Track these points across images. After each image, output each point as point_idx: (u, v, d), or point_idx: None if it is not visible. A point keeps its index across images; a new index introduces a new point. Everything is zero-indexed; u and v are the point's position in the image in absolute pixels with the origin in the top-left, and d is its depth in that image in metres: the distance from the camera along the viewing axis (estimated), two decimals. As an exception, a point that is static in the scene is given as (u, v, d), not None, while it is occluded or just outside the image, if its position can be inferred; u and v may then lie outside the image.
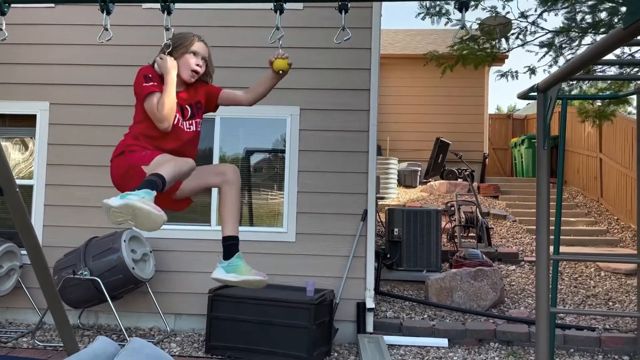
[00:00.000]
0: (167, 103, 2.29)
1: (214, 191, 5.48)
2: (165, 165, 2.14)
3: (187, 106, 2.47)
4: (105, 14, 1.92)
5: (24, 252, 4.52)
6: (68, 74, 5.59)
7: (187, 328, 5.33)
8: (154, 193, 1.99)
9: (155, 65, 2.38)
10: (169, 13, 1.97)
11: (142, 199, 1.92)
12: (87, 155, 5.50)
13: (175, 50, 2.41)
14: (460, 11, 1.59)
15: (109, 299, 4.70)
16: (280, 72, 2.42)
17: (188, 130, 2.46)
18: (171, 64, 2.35)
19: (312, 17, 5.38)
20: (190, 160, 2.30)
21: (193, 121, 2.49)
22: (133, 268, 4.76)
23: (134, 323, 5.35)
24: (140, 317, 5.37)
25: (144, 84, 2.32)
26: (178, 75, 2.41)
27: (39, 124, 5.58)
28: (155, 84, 2.34)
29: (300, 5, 5.39)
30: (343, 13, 1.88)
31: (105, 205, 1.93)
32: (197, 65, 2.43)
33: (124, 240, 4.79)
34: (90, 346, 2.67)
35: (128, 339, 4.53)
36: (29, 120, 5.63)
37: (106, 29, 1.96)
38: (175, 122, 2.40)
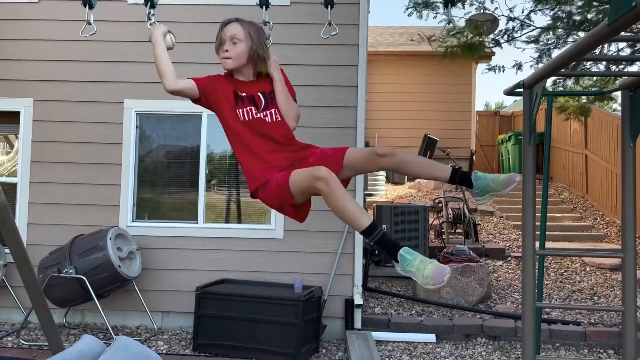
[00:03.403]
0: (154, 59, 2.22)
1: (201, 187, 5.45)
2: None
3: (259, 94, 2.31)
4: (87, 8, 1.89)
5: (8, 250, 4.46)
6: (52, 70, 5.52)
7: (175, 326, 5.30)
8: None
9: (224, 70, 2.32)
10: (152, 6, 1.95)
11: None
12: (71, 152, 5.43)
13: (216, 50, 2.32)
14: (446, 7, 1.59)
15: (94, 297, 4.66)
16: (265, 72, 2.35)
17: (272, 121, 2.29)
18: (151, 31, 2.27)
19: (300, 13, 5.35)
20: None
21: (268, 112, 2.30)
22: (119, 266, 4.72)
23: (121, 321, 5.31)
24: (127, 315, 5.32)
25: None
26: (235, 70, 2.31)
27: (22, 121, 5.50)
28: (202, 78, 2.29)
29: (287, 1, 5.37)
30: (329, 8, 1.87)
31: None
32: (225, 51, 2.27)
33: (110, 238, 4.74)
34: (75, 345, 2.64)
35: (114, 337, 4.49)
36: (12, 117, 5.55)
37: (89, 24, 1.93)
38: (249, 116, 2.26)
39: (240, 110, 2.28)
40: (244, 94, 2.30)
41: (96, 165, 5.42)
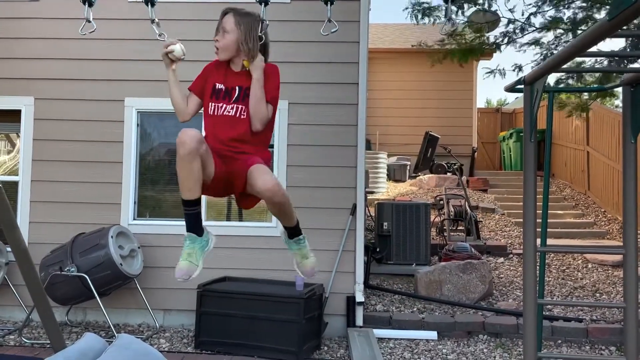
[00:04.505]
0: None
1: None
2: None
3: (237, 87, 2.39)
4: (87, 5, 1.89)
5: (9, 248, 4.46)
6: (53, 68, 5.52)
7: (177, 324, 5.31)
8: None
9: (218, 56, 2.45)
10: (152, 5, 1.95)
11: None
12: (73, 150, 5.44)
13: None
14: (447, 2, 1.58)
15: (96, 295, 4.67)
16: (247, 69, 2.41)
17: (227, 114, 2.38)
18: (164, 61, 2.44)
19: (300, 11, 5.34)
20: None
21: (236, 105, 2.37)
22: (121, 264, 4.72)
23: (123, 319, 5.32)
24: (129, 313, 5.33)
25: None
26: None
27: (23, 119, 5.50)
28: (196, 80, 2.48)
29: (288, -1, 5.36)
30: (329, 5, 1.87)
31: None
32: (216, 41, 2.39)
33: (112, 236, 4.75)
34: (77, 343, 2.65)
35: (116, 335, 4.50)
36: (13, 116, 5.55)
37: (89, 21, 1.93)
38: (214, 111, 2.40)
39: (211, 103, 2.42)
40: (221, 87, 2.40)
41: (97, 164, 5.42)
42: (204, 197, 5.39)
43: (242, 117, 2.36)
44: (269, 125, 2.45)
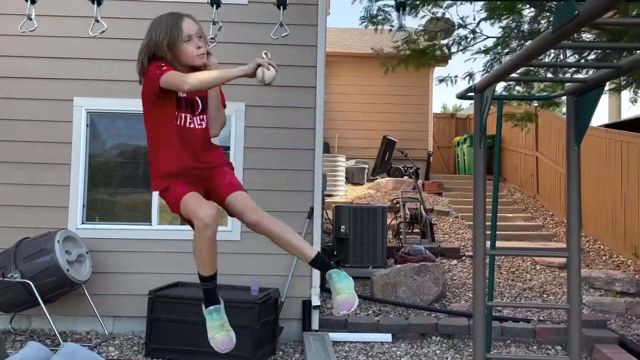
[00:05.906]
0: (206, 76, 2.12)
1: (156, 189, 5.33)
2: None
3: (197, 98, 2.28)
4: (29, 2, 1.81)
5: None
6: (-3, 65, 5.28)
7: (127, 331, 5.16)
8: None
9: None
10: (99, 4, 1.88)
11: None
12: (17, 151, 5.21)
13: (170, 47, 2.16)
14: (398, 11, 1.59)
15: (41, 302, 4.48)
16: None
17: (199, 127, 2.27)
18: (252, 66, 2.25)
19: (257, 13, 5.30)
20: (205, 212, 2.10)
21: (200, 117, 2.28)
22: (67, 270, 4.55)
23: (70, 327, 5.13)
24: (77, 320, 5.14)
25: (157, 72, 2.10)
26: (187, 66, 2.20)
27: (-36, 118, 5.23)
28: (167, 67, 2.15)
29: (245, 0, 5.31)
30: (281, 9, 1.85)
31: None
32: (199, 47, 2.20)
33: (58, 241, 4.57)
34: (20, 352, 2.54)
35: (62, 343, 4.32)
36: (-47, 114, 5.28)
37: (30, 19, 1.84)
38: (183, 122, 2.22)
39: (178, 113, 2.24)
40: (184, 95, 2.25)
41: (44, 165, 5.21)
42: (155, 199, 5.29)
43: (203, 126, 2.30)
44: None
